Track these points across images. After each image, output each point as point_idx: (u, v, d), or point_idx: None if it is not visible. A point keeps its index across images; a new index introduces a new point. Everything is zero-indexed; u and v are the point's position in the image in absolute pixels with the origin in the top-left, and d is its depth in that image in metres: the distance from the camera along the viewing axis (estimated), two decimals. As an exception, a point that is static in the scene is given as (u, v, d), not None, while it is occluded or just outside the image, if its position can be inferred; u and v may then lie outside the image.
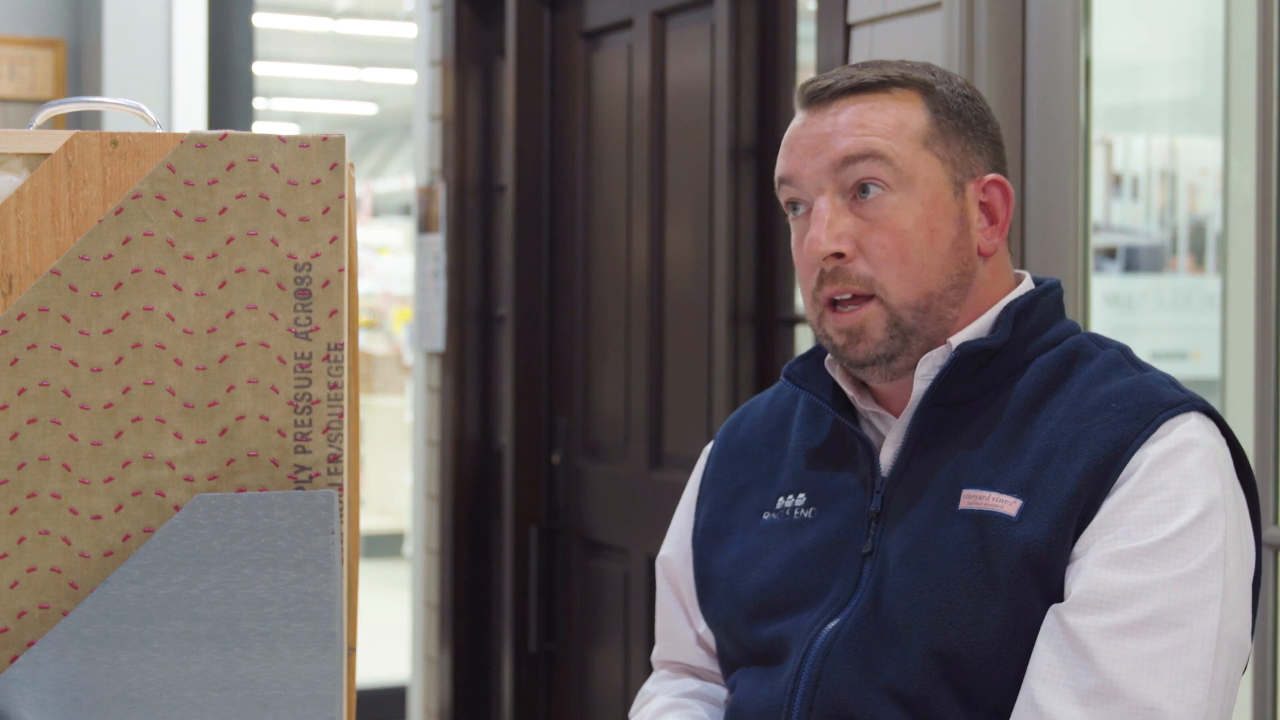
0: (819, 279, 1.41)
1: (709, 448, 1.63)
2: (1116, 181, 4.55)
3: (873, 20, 2.48)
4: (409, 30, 6.78)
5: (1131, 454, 1.31)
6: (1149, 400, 1.34)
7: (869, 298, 1.39)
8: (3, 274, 1.31)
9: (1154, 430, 1.32)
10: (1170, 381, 1.38)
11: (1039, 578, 1.31)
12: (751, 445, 1.56)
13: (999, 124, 1.49)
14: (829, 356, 1.48)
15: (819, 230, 1.39)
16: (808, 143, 1.43)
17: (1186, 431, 1.32)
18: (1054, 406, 1.37)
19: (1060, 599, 1.31)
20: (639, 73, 3.33)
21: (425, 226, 4.13)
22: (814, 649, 1.39)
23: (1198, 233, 4.50)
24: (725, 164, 2.97)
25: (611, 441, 3.47)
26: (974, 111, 1.45)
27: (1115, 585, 1.27)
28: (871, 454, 1.44)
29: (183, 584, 1.25)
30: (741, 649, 1.50)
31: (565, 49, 3.65)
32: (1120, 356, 1.41)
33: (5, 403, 1.30)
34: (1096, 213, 3.98)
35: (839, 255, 1.39)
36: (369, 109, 11.20)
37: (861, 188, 1.39)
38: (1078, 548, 1.30)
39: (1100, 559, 1.28)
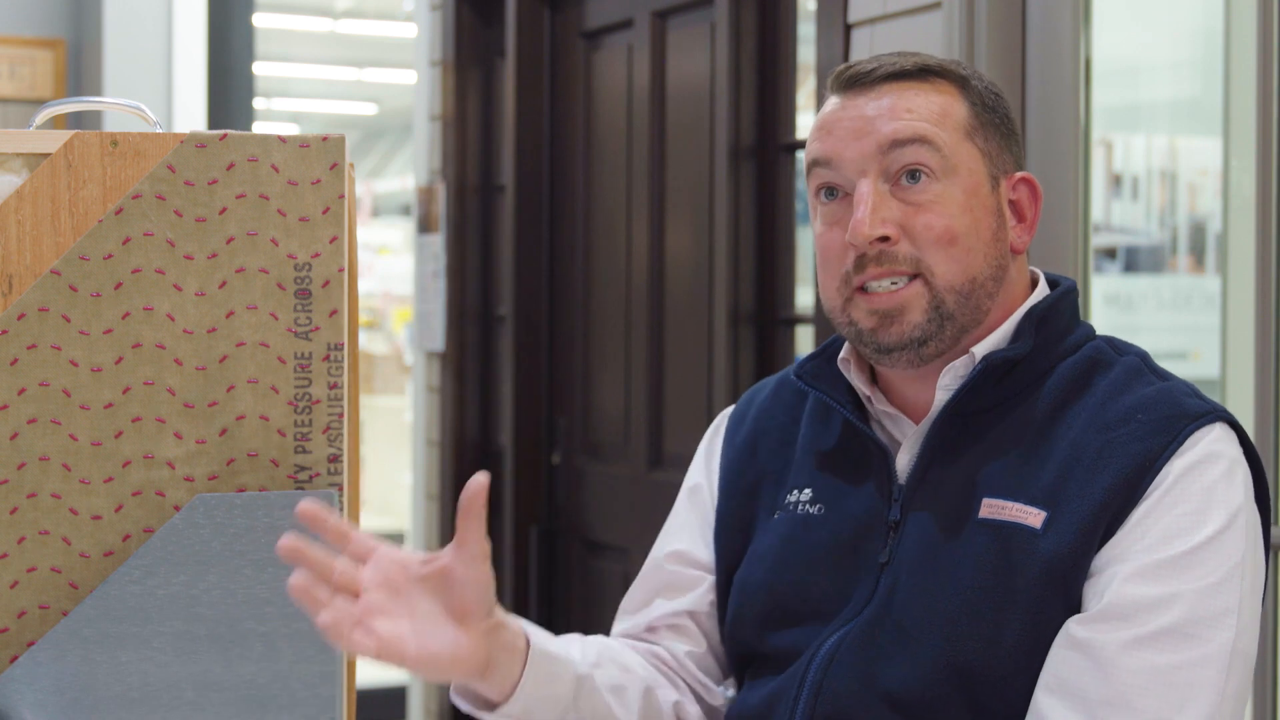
0: (857, 263, 1.37)
1: (715, 442, 1.60)
2: (1116, 181, 4.55)
3: (873, 20, 2.48)
4: (409, 30, 6.78)
5: (1160, 467, 1.30)
6: (1175, 412, 1.32)
7: (914, 277, 1.36)
8: (3, 274, 1.31)
9: (1181, 443, 1.30)
10: (1192, 391, 1.36)
11: (1062, 590, 1.29)
12: (764, 440, 1.53)
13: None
14: (842, 355, 1.45)
15: (864, 213, 1.36)
16: (850, 125, 1.38)
17: (1211, 444, 1.31)
18: (1075, 415, 1.35)
19: (1080, 610, 1.30)
20: (639, 73, 3.33)
21: (425, 226, 4.13)
22: (819, 655, 1.38)
23: (1198, 233, 4.50)
24: (725, 164, 2.97)
25: (611, 441, 3.46)
26: (1002, 110, 1.43)
27: (1136, 598, 1.26)
28: (887, 459, 1.41)
29: (183, 584, 1.24)
30: (755, 654, 1.47)
31: (565, 49, 3.65)
32: (1140, 364, 1.39)
33: (5, 403, 1.30)
34: (1096, 213, 3.98)
35: (884, 240, 1.36)
36: (369, 109, 11.19)
37: (910, 173, 1.36)
38: (1099, 560, 1.29)
39: (1124, 574, 1.27)
